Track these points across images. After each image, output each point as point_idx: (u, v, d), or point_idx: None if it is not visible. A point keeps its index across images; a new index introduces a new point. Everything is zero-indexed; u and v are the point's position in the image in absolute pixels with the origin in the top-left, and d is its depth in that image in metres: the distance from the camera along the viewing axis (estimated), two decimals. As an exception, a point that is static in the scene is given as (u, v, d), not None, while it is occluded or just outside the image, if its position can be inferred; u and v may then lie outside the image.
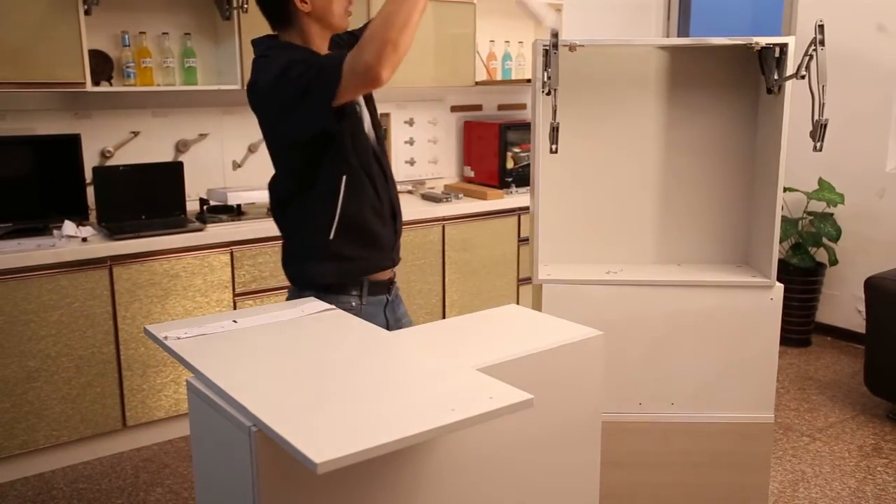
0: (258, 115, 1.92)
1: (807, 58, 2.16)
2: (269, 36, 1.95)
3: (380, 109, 3.96)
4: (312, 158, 1.86)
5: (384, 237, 1.98)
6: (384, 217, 1.97)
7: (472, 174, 4.53)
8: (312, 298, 1.86)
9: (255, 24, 3.46)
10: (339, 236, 1.90)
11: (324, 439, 1.12)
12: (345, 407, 1.25)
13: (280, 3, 1.83)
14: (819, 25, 2.10)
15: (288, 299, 1.97)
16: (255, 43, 1.95)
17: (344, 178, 1.87)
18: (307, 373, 1.41)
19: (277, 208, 2.00)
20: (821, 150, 2.17)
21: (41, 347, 2.98)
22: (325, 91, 1.67)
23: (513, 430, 1.55)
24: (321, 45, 1.90)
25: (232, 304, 3.36)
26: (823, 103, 2.12)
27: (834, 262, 4.33)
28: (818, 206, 4.37)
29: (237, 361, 1.47)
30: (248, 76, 3.45)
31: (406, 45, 1.61)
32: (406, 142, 4.41)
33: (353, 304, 1.96)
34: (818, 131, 2.15)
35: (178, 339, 1.59)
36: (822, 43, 2.10)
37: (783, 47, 2.35)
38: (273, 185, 2.00)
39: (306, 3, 1.82)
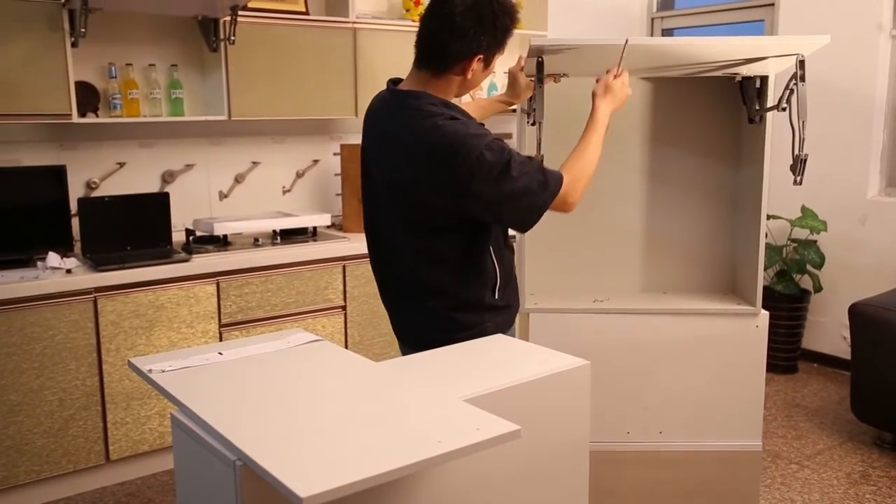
0: (433, 171, 1.84)
1: (787, 91, 2.19)
2: (409, 93, 1.92)
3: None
4: (477, 226, 1.94)
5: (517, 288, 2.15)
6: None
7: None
8: (300, 330, 1.86)
9: (242, 56, 3.50)
10: (500, 292, 2.01)
11: (309, 473, 1.11)
12: (331, 439, 1.24)
13: (459, 55, 1.85)
14: (800, 61, 2.14)
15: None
16: (407, 95, 1.92)
17: (492, 245, 1.99)
18: (293, 405, 1.40)
19: (435, 265, 1.96)
20: (801, 183, 2.19)
21: (23, 381, 2.94)
22: (544, 204, 1.86)
23: (500, 461, 1.54)
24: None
25: (218, 335, 3.34)
26: (804, 138, 2.15)
27: (818, 288, 4.36)
28: (802, 234, 4.41)
29: (222, 394, 1.46)
30: (235, 107, 3.50)
31: None
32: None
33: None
34: (798, 166, 2.18)
35: (163, 371, 1.58)
36: (802, 78, 2.13)
37: (763, 79, 2.39)
38: (427, 241, 1.95)
39: (471, 72, 1.88)
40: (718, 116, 2.62)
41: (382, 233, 2.01)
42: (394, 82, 1.99)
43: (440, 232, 1.91)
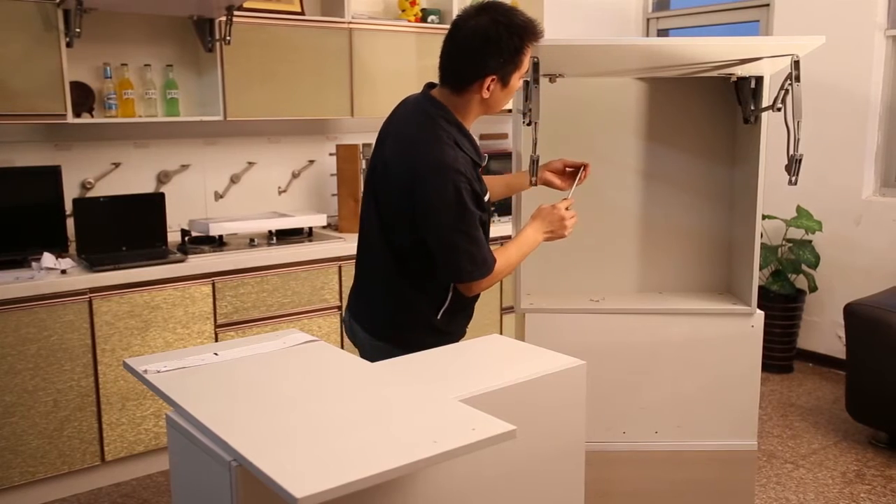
0: (410, 181, 1.90)
1: (782, 91, 2.19)
2: (435, 100, 1.95)
3: (360, 139, 4.01)
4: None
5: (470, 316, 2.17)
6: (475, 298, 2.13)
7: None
8: (296, 330, 1.86)
9: (238, 56, 3.49)
10: (444, 316, 2.03)
11: (305, 473, 1.11)
12: (326, 440, 1.24)
13: (471, 77, 1.89)
14: (794, 61, 2.14)
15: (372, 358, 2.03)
16: (431, 103, 1.95)
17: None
18: (288, 406, 1.40)
19: (391, 264, 2.01)
20: (796, 184, 2.20)
21: (18, 381, 2.93)
22: (469, 277, 1.93)
23: (496, 461, 1.54)
24: (470, 121, 2.00)
25: (213, 335, 3.33)
26: (798, 139, 2.15)
27: (814, 288, 4.37)
28: (797, 234, 4.42)
29: (218, 395, 1.46)
30: (230, 107, 3.49)
31: None
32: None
33: None
34: (793, 166, 2.18)
35: (158, 372, 1.57)
36: (797, 79, 2.13)
37: (758, 79, 2.39)
38: (389, 240, 2.00)
39: (488, 92, 1.90)
40: (714, 117, 2.63)
41: (363, 215, 2.10)
42: (430, 86, 2.02)
43: (399, 236, 1.97)
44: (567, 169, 2.30)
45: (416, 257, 1.97)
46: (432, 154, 1.87)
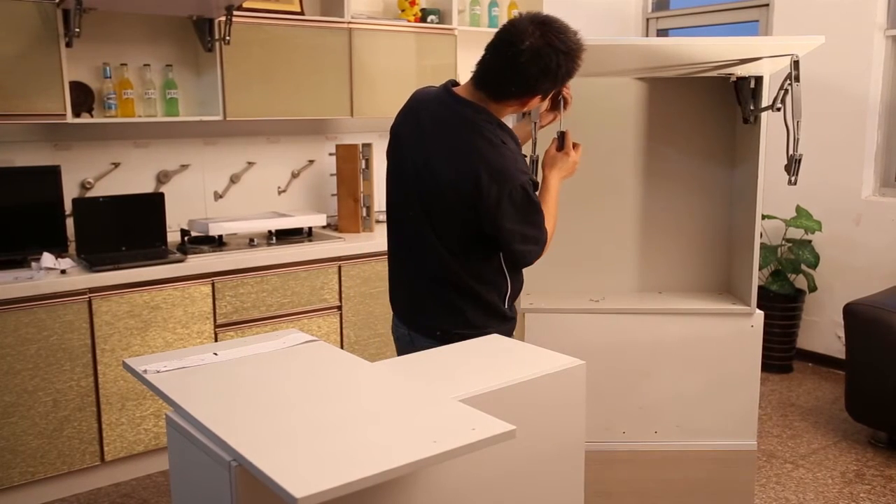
0: (473, 185, 1.87)
1: (782, 91, 2.20)
2: (469, 102, 1.93)
3: (360, 139, 4.01)
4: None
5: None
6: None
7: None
8: (295, 330, 1.86)
9: (237, 56, 3.49)
10: (509, 302, 2.07)
11: (305, 473, 1.11)
12: (326, 440, 1.24)
13: (518, 95, 1.89)
14: (794, 61, 2.14)
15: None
16: (468, 105, 1.93)
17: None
18: (288, 405, 1.40)
19: (453, 263, 1.99)
20: (795, 183, 2.20)
21: (18, 382, 2.93)
22: (535, 258, 2.00)
23: (495, 460, 1.54)
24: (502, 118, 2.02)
25: (213, 335, 3.33)
26: (798, 139, 2.15)
27: (813, 288, 4.37)
28: (796, 234, 4.42)
29: (217, 395, 1.46)
30: (230, 107, 3.49)
31: None
32: (388, 172, 4.43)
33: None
34: (793, 166, 2.18)
35: (158, 372, 1.57)
36: (797, 79, 2.14)
37: (758, 79, 2.39)
38: (448, 240, 1.98)
39: (528, 105, 1.95)
40: (713, 117, 2.63)
41: (406, 222, 2.03)
42: (452, 83, 2.00)
43: (460, 234, 1.95)
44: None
45: (480, 252, 1.97)
46: (494, 162, 1.86)
